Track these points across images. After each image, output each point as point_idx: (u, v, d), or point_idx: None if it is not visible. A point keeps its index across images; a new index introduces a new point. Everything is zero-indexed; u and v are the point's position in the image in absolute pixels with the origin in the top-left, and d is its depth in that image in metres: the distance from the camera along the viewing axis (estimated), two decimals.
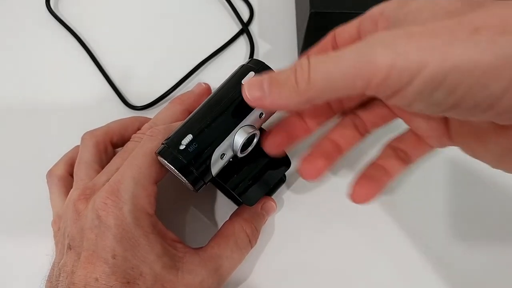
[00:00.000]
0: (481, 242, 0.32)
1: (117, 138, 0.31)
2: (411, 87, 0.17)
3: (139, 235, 0.25)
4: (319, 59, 0.20)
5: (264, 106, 0.22)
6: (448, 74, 0.16)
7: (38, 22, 0.41)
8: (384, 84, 0.18)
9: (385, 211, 0.33)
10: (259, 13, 0.41)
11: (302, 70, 0.20)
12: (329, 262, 0.32)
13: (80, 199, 0.26)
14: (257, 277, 0.32)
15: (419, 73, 0.17)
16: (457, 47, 0.16)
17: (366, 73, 0.18)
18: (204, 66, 0.39)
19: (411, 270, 0.31)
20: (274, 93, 0.21)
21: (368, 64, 0.18)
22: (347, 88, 0.19)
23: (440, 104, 0.18)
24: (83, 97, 0.38)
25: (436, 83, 0.17)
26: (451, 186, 0.34)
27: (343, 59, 0.19)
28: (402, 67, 0.17)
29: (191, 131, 0.25)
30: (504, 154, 0.20)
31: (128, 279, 0.24)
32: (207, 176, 0.26)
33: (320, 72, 0.19)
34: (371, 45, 0.18)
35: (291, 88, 0.20)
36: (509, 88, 0.16)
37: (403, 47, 0.17)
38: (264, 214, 0.31)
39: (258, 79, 0.22)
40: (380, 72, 0.17)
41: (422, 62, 0.17)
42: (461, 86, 0.17)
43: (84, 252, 0.24)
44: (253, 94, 0.22)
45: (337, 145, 0.27)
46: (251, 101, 0.22)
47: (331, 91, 0.19)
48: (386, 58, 0.17)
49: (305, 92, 0.20)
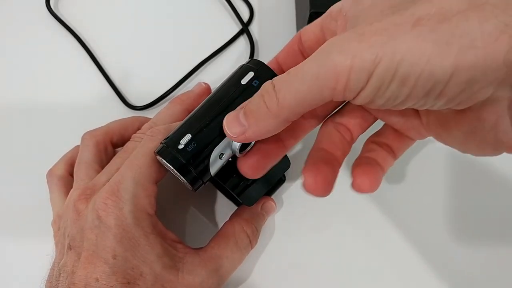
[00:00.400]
0: (482, 242, 0.32)
1: (117, 138, 0.31)
2: (369, 84, 0.18)
3: (139, 235, 0.25)
4: (282, 80, 0.21)
5: (248, 139, 0.23)
6: (398, 66, 0.17)
7: (38, 22, 0.41)
8: (348, 87, 0.19)
9: (385, 211, 0.33)
10: (259, 13, 0.41)
11: (269, 95, 0.21)
12: (329, 262, 0.32)
13: (80, 199, 0.26)
14: (257, 277, 0.32)
15: (374, 70, 0.18)
16: (402, 40, 0.17)
17: (330, 81, 0.19)
18: (204, 66, 0.39)
19: (412, 270, 0.31)
20: (252, 124, 0.22)
21: (330, 72, 0.18)
22: (316, 99, 0.20)
23: (397, 97, 0.19)
24: (83, 97, 0.38)
25: (390, 77, 0.18)
26: (451, 185, 0.34)
27: (305, 73, 0.19)
28: (359, 68, 0.18)
29: (190, 131, 0.25)
30: (467, 138, 0.21)
31: (128, 279, 0.24)
32: (206, 175, 0.26)
33: (287, 92, 0.20)
34: (328, 53, 0.19)
35: (265, 114, 0.21)
36: (453, 73, 0.17)
37: (357, 48, 0.18)
38: (264, 214, 0.31)
39: (234, 115, 0.23)
40: (342, 76, 0.18)
41: (376, 59, 0.18)
42: (411, 77, 0.18)
43: (84, 252, 0.24)
44: (234, 131, 0.22)
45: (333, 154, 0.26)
46: (235, 138, 0.23)
47: (302, 106, 0.20)
48: (344, 63, 0.18)
49: (278, 114, 0.21)
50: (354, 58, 0.18)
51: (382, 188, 0.33)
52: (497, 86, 0.17)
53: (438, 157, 0.34)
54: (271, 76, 0.27)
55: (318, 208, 0.33)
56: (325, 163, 0.25)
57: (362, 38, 0.18)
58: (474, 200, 0.33)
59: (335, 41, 0.19)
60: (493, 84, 0.17)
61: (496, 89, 0.18)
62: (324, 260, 0.32)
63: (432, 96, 0.18)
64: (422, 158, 0.34)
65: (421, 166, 0.34)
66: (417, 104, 0.19)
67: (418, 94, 0.18)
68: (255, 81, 0.26)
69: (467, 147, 0.22)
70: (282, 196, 0.34)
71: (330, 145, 0.26)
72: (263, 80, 0.27)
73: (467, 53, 0.17)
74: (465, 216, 0.33)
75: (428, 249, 0.32)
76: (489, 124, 0.19)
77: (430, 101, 0.19)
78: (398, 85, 0.18)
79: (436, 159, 0.34)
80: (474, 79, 0.17)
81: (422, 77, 0.17)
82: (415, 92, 0.18)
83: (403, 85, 0.18)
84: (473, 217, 0.33)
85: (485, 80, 0.17)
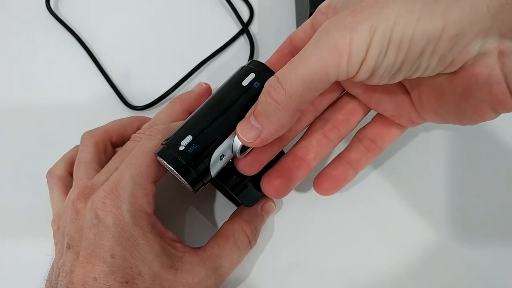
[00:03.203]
0: (483, 241, 0.32)
1: (116, 138, 0.31)
2: (369, 55, 0.19)
3: (138, 234, 0.25)
4: (285, 70, 0.21)
5: (265, 140, 0.23)
6: (392, 31, 0.19)
7: (38, 22, 0.41)
8: (351, 62, 0.20)
9: (385, 210, 0.33)
10: (259, 13, 0.41)
11: (274, 89, 0.21)
12: (329, 262, 0.32)
13: (79, 199, 0.26)
14: (257, 277, 0.32)
15: (372, 39, 0.19)
16: (393, 7, 0.19)
17: (334, 59, 0.19)
18: (204, 66, 0.39)
19: (412, 270, 0.31)
20: (265, 123, 0.23)
21: (332, 50, 0.19)
22: (323, 81, 0.20)
23: (394, 64, 0.20)
24: (83, 97, 0.38)
25: (386, 43, 0.19)
26: (452, 184, 0.33)
27: (308, 57, 0.20)
28: (358, 40, 0.19)
29: (190, 132, 0.25)
30: (462, 102, 0.22)
31: (126, 279, 0.24)
32: (206, 177, 0.26)
33: (293, 79, 0.21)
34: (327, 32, 0.20)
35: (275, 109, 0.22)
36: (443, 28, 0.18)
37: (352, 23, 0.19)
38: (263, 214, 0.31)
39: (245, 121, 0.24)
40: (344, 51, 0.19)
41: (371, 29, 0.19)
42: (405, 39, 0.19)
43: (82, 252, 0.24)
44: (250, 136, 0.23)
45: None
46: (253, 143, 0.23)
47: (310, 91, 0.21)
48: (344, 38, 0.19)
49: (288, 104, 0.21)
50: (352, 32, 0.19)
51: (383, 187, 0.34)
52: (484, 37, 0.19)
53: (439, 155, 0.34)
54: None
55: (318, 208, 0.33)
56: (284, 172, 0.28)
57: (355, 13, 0.19)
58: (474, 198, 0.33)
59: (331, 21, 0.20)
60: (480, 35, 0.19)
61: (483, 40, 0.19)
62: (323, 260, 0.32)
63: (426, 55, 0.19)
64: (422, 158, 0.34)
65: (422, 164, 0.34)
66: (413, 68, 0.20)
67: (413, 56, 0.19)
68: (256, 83, 0.26)
69: (464, 113, 0.22)
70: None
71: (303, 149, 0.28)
72: (264, 81, 0.27)
73: (453, 7, 0.18)
74: (465, 215, 0.33)
75: (429, 248, 0.32)
76: (482, 80, 0.20)
77: (424, 63, 0.20)
78: (394, 50, 0.19)
79: (436, 159, 0.34)
80: (463, 32, 0.18)
81: (415, 37, 0.19)
82: (410, 54, 0.19)
83: (399, 49, 0.19)
84: (473, 216, 0.33)
85: (473, 31, 0.18)
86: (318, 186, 0.29)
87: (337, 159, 0.29)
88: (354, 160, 0.28)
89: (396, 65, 0.20)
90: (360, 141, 0.28)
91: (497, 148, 0.34)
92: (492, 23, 0.18)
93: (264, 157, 0.27)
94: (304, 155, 0.28)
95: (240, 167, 0.27)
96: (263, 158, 0.27)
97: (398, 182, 0.34)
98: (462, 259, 0.31)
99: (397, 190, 0.34)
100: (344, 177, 0.29)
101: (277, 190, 0.28)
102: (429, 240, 0.32)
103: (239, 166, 0.27)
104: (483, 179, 0.34)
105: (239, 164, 0.27)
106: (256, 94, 0.26)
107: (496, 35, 0.19)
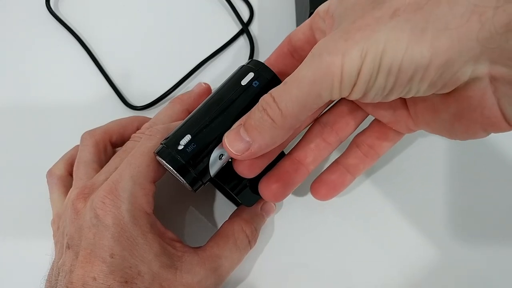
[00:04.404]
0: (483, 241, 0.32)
1: (116, 138, 0.31)
2: (360, 78, 0.19)
3: (137, 234, 0.25)
4: (280, 90, 0.21)
5: (253, 154, 0.23)
6: (382, 57, 0.19)
7: (38, 22, 0.41)
8: (343, 85, 0.20)
9: (386, 210, 0.33)
10: (259, 13, 0.41)
11: (271, 108, 0.22)
12: (329, 262, 0.32)
13: (78, 198, 0.26)
14: (256, 277, 0.32)
15: (362, 64, 0.19)
16: (382, 32, 0.19)
17: (326, 83, 0.20)
18: (204, 66, 0.39)
19: (413, 270, 0.31)
20: (257, 137, 0.23)
21: (325, 74, 0.20)
22: (317, 102, 0.21)
23: (385, 87, 0.20)
24: (83, 97, 0.38)
25: (376, 68, 0.19)
26: (452, 183, 0.33)
27: (302, 80, 0.20)
28: (349, 65, 0.19)
29: (189, 132, 0.25)
30: (455, 121, 0.22)
31: (126, 278, 0.24)
32: (206, 176, 0.26)
33: (288, 101, 0.21)
34: (319, 56, 0.20)
35: (270, 127, 0.22)
36: (431, 57, 0.18)
37: (344, 47, 0.19)
38: (263, 214, 0.31)
39: (234, 133, 0.23)
40: (336, 76, 0.19)
41: (362, 54, 0.19)
42: (394, 65, 0.19)
43: (82, 251, 0.24)
44: (238, 148, 0.23)
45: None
46: (240, 156, 0.23)
47: (304, 111, 0.21)
48: (335, 63, 0.19)
49: (284, 123, 0.22)
50: (344, 57, 0.19)
51: (383, 188, 0.34)
52: (475, 63, 0.18)
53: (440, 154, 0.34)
54: (271, 77, 0.27)
55: (317, 208, 0.33)
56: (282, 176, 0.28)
57: (347, 36, 0.19)
58: (474, 198, 0.33)
59: (323, 43, 0.20)
60: (470, 62, 0.18)
61: (474, 66, 0.19)
62: (323, 260, 0.32)
63: (416, 81, 0.19)
64: (422, 157, 0.34)
65: (422, 165, 0.34)
66: (404, 91, 0.20)
67: (403, 82, 0.19)
68: (255, 82, 0.26)
69: (455, 131, 0.22)
70: None
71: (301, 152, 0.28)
72: (263, 81, 0.27)
73: (441, 36, 0.18)
74: (465, 214, 0.33)
75: (430, 249, 0.32)
76: (474, 102, 0.20)
77: (414, 87, 0.20)
78: (384, 75, 0.19)
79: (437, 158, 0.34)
80: (452, 60, 0.18)
81: (404, 65, 0.18)
82: (399, 79, 0.19)
83: (389, 74, 0.19)
84: (474, 215, 0.33)
85: (462, 59, 0.18)
86: (315, 191, 0.29)
87: (334, 164, 0.29)
88: (351, 165, 0.28)
89: (387, 89, 0.20)
90: (357, 146, 0.28)
91: (497, 148, 0.34)
92: (482, 51, 0.18)
93: (264, 160, 0.27)
94: (302, 159, 0.28)
95: (239, 170, 0.26)
96: (263, 161, 0.27)
97: (398, 182, 0.34)
98: (462, 260, 0.31)
99: (397, 190, 0.34)
100: (341, 182, 0.28)
101: (275, 194, 0.28)
102: (431, 241, 0.32)
103: (238, 169, 0.26)
104: (483, 179, 0.33)
105: (238, 167, 0.26)
106: (255, 93, 0.26)
107: (486, 61, 0.18)
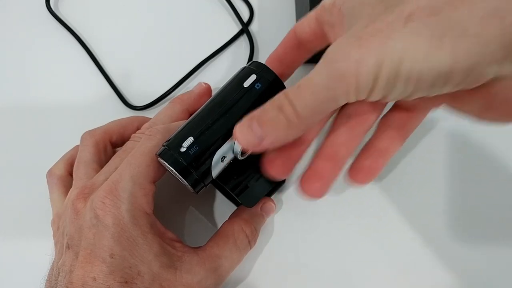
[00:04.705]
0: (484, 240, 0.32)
1: (116, 138, 0.31)
2: (377, 86, 0.19)
3: (137, 234, 0.25)
4: (296, 94, 0.21)
5: (263, 148, 0.23)
6: (400, 66, 0.18)
7: (38, 22, 0.41)
8: (359, 90, 0.19)
9: (386, 211, 0.33)
10: (259, 13, 0.41)
11: (286, 109, 0.21)
12: (329, 262, 0.32)
13: (78, 198, 0.26)
14: (256, 277, 0.32)
15: (379, 72, 0.18)
16: (398, 39, 0.18)
17: (341, 90, 0.19)
18: (204, 66, 0.39)
19: (413, 270, 0.31)
20: (271, 134, 0.22)
21: (339, 81, 0.19)
22: (332, 106, 0.21)
23: (405, 91, 0.19)
24: (83, 97, 0.38)
25: (394, 77, 0.18)
26: (452, 183, 0.33)
27: (316, 86, 0.20)
28: (365, 73, 0.19)
29: (192, 134, 0.25)
30: (482, 110, 0.21)
31: (126, 279, 0.24)
32: (208, 178, 0.26)
33: (303, 105, 0.21)
34: (333, 62, 0.19)
35: (285, 125, 0.21)
36: (452, 64, 0.17)
37: (358, 54, 0.19)
38: (263, 215, 0.31)
39: (246, 125, 0.22)
40: (351, 82, 0.19)
41: (378, 62, 0.18)
42: (413, 74, 0.18)
43: (82, 251, 0.24)
44: (250, 140, 0.22)
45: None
46: (251, 148, 0.23)
47: (320, 113, 0.21)
48: (349, 70, 0.19)
49: (299, 125, 0.21)
50: (358, 64, 0.18)
51: (384, 188, 0.34)
52: (500, 65, 0.18)
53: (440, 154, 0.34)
54: (273, 79, 0.27)
55: (317, 208, 0.33)
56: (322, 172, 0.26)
57: (361, 43, 0.19)
58: (474, 198, 0.33)
59: (336, 48, 0.20)
60: (494, 64, 0.18)
61: (499, 67, 0.18)
62: (323, 260, 0.32)
63: (438, 86, 0.19)
64: (422, 157, 0.34)
65: (423, 164, 0.34)
66: (425, 93, 0.20)
67: (424, 87, 0.19)
68: (257, 84, 0.26)
69: (483, 118, 0.22)
70: (281, 197, 0.34)
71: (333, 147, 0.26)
72: (265, 83, 0.27)
73: (461, 42, 0.17)
74: (465, 214, 0.33)
75: (430, 250, 0.32)
76: (501, 97, 0.20)
77: (437, 90, 0.19)
78: (404, 83, 0.19)
79: (437, 158, 0.34)
80: (474, 65, 0.17)
81: (424, 73, 0.18)
82: (420, 86, 0.19)
83: (408, 82, 0.19)
84: (474, 215, 0.33)
85: (485, 63, 0.17)
86: (353, 177, 0.27)
87: (365, 148, 0.27)
88: (383, 148, 0.27)
89: (407, 93, 0.20)
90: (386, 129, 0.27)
91: (498, 149, 0.34)
92: (505, 54, 0.17)
93: (295, 158, 0.26)
94: (334, 154, 0.26)
95: (270, 173, 0.25)
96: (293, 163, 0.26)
97: (398, 182, 0.34)
98: (462, 260, 0.31)
99: (397, 190, 0.34)
100: (376, 166, 0.27)
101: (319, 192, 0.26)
102: (432, 241, 0.32)
103: (269, 172, 0.25)
104: (483, 179, 0.33)
105: (268, 169, 0.25)
106: (257, 95, 0.26)
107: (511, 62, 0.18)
